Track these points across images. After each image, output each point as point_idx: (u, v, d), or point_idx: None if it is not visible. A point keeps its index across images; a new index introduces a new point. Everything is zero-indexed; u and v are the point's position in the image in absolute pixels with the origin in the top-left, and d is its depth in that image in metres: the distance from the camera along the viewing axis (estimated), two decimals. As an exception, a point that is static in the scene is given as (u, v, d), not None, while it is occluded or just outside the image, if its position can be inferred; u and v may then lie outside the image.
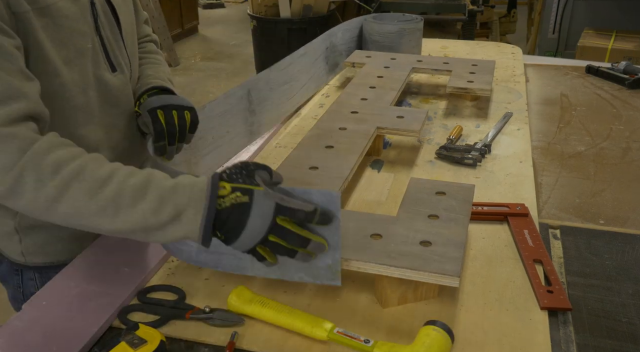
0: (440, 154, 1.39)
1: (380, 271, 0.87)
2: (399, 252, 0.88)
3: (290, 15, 4.37)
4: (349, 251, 0.89)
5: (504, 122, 1.58)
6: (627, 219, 1.18)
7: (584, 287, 0.98)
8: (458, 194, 1.05)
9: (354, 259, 0.87)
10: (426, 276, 0.85)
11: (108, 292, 0.94)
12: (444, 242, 0.91)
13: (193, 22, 6.60)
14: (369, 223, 0.96)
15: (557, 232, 1.14)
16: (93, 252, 1.05)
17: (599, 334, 0.88)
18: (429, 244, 0.90)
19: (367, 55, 1.90)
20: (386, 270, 0.86)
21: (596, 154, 1.45)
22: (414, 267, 0.85)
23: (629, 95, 1.83)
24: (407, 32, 2.02)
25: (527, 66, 2.09)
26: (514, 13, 5.14)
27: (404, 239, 0.92)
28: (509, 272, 1.00)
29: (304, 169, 1.17)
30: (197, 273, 1.00)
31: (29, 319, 0.89)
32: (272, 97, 1.56)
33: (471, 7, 4.08)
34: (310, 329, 0.84)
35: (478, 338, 0.85)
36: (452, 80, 1.68)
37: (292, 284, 0.97)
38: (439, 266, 0.85)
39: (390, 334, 0.87)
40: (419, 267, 0.85)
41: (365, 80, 1.67)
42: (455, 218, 0.97)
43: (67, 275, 0.99)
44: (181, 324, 0.89)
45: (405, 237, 0.92)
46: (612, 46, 3.67)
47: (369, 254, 0.88)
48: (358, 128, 1.35)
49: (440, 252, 0.88)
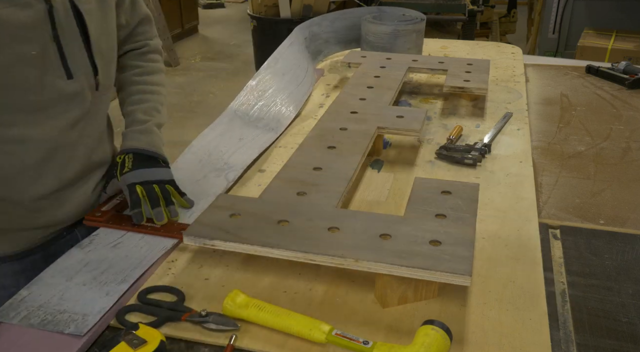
0: (440, 154, 1.39)
1: (392, 271, 0.87)
2: (409, 252, 0.88)
3: (290, 15, 4.37)
4: (359, 251, 0.89)
5: (504, 122, 1.57)
6: (627, 219, 1.18)
7: (584, 287, 0.98)
8: (463, 193, 1.05)
9: (365, 259, 0.87)
10: (438, 275, 0.85)
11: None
12: (453, 242, 0.91)
13: (193, 22, 6.60)
14: (377, 223, 0.96)
15: (557, 232, 1.14)
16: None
17: (599, 334, 0.88)
18: (438, 244, 0.90)
19: (363, 55, 1.90)
20: (397, 270, 0.86)
21: (596, 154, 1.45)
22: (426, 267, 0.85)
23: (629, 95, 1.82)
24: (402, 34, 1.99)
25: (527, 66, 2.09)
26: (514, 13, 5.14)
27: (413, 238, 0.92)
28: (509, 272, 0.99)
29: (308, 169, 1.17)
30: (197, 273, 1.00)
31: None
32: (269, 105, 1.62)
33: (471, 7, 4.09)
34: (308, 332, 0.84)
35: (478, 338, 0.85)
36: (448, 79, 1.68)
37: (291, 284, 0.97)
38: (451, 265, 0.85)
39: (390, 334, 0.87)
40: (431, 266, 0.85)
41: (362, 80, 1.67)
42: (462, 217, 0.97)
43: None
44: (180, 325, 0.89)
45: (414, 236, 0.92)
46: (612, 46, 3.67)
47: (380, 254, 0.88)
48: (359, 128, 1.35)
49: (450, 251, 0.88)
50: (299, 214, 0.99)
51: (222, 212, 1.00)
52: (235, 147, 1.42)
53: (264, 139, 1.48)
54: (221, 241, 0.93)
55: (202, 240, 0.94)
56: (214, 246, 0.94)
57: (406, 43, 2.01)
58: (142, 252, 1.03)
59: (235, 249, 0.93)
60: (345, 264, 0.88)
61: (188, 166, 1.34)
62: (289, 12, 4.37)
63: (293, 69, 1.77)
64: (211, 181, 1.27)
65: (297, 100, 1.67)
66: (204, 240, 0.94)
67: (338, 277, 0.98)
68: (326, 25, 2.13)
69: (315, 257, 0.89)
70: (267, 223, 0.97)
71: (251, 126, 1.52)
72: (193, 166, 1.34)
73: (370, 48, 2.05)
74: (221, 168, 1.32)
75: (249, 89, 1.65)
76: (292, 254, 0.90)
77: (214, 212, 1.00)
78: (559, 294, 0.97)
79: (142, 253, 1.03)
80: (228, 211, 1.00)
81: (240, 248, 0.93)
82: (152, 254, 1.03)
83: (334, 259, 0.88)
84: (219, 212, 1.00)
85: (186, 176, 1.28)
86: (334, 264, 0.89)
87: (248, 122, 1.54)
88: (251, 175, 1.34)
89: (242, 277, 0.99)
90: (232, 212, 1.00)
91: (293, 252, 0.90)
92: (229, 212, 1.00)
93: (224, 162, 1.34)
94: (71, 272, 0.98)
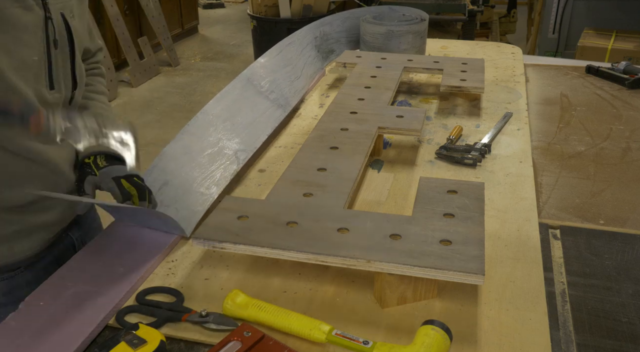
0: (440, 154, 1.39)
1: (404, 272, 0.87)
2: (420, 252, 0.88)
3: (290, 15, 4.37)
4: (371, 252, 0.89)
5: (504, 122, 1.57)
6: (627, 219, 1.18)
7: (584, 287, 0.98)
8: (469, 192, 1.05)
9: (377, 260, 0.87)
10: (451, 275, 0.85)
11: (104, 293, 0.94)
12: (463, 241, 0.91)
13: (193, 22, 6.59)
14: (386, 223, 0.96)
15: (557, 232, 1.14)
16: (89, 252, 1.05)
17: (599, 334, 0.88)
18: (449, 243, 0.90)
19: (358, 56, 1.90)
20: (410, 270, 0.86)
21: (596, 154, 1.45)
22: (439, 266, 0.85)
23: (629, 95, 1.82)
24: (396, 34, 1.98)
25: (527, 66, 2.09)
26: (514, 13, 5.15)
27: (423, 238, 0.92)
28: (508, 272, 1.00)
29: (312, 170, 1.17)
30: (197, 273, 1.00)
31: (25, 319, 0.89)
32: (279, 80, 1.65)
33: (471, 7, 4.09)
34: (308, 332, 0.84)
35: (478, 338, 0.85)
36: (445, 79, 1.68)
37: (292, 284, 0.97)
38: (463, 264, 0.85)
39: (390, 334, 0.87)
40: (443, 266, 0.85)
41: (359, 80, 1.67)
42: (471, 216, 0.97)
43: (63, 275, 0.99)
44: (180, 325, 0.89)
45: (424, 236, 0.92)
46: (612, 46, 3.67)
47: (392, 255, 0.88)
48: (360, 128, 1.35)
49: (461, 250, 0.88)
50: (307, 215, 0.99)
51: (230, 215, 0.99)
52: (250, 118, 1.45)
53: (274, 115, 1.50)
54: (231, 244, 0.92)
55: (211, 243, 0.93)
56: (224, 248, 0.93)
57: (401, 44, 2.00)
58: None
59: (245, 251, 0.92)
60: (357, 266, 0.88)
61: (201, 132, 1.34)
62: (289, 12, 4.37)
63: (287, 67, 1.78)
64: (220, 162, 1.29)
65: (290, 97, 1.69)
66: (213, 243, 0.93)
67: (338, 277, 0.98)
68: (337, 25, 2.14)
69: (327, 259, 0.89)
70: (275, 225, 0.96)
71: (263, 96, 1.54)
72: (206, 133, 1.35)
73: (367, 48, 2.05)
74: (231, 146, 1.34)
75: (259, 65, 1.67)
76: (304, 256, 0.90)
77: (221, 214, 1.00)
78: (559, 294, 0.97)
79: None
80: (235, 213, 1.00)
81: (250, 250, 0.92)
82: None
83: (346, 261, 0.88)
84: (226, 215, 0.99)
85: (197, 146, 1.30)
86: (345, 266, 0.89)
87: (260, 91, 1.56)
88: (251, 175, 1.34)
89: (242, 278, 0.99)
90: (239, 215, 0.99)
91: (304, 254, 0.90)
92: (237, 214, 0.99)
93: (236, 136, 1.37)
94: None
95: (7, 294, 1.11)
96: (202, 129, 1.35)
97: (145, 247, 1.05)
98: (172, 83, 5.16)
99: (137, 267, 1.00)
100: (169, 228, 1.09)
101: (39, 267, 1.14)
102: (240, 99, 1.50)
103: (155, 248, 1.05)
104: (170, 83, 5.18)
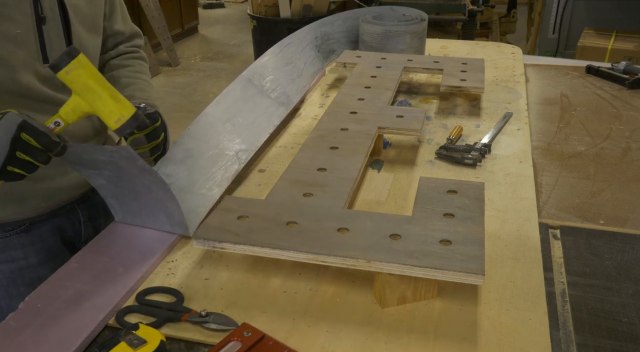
0: (440, 154, 1.39)
1: (404, 272, 0.87)
2: (420, 252, 0.88)
3: (290, 15, 4.37)
4: (371, 252, 0.89)
5: (504, 122, 1.57)
6: (627, 219, 1.18)
7: (584, 287, 0.98)
8: (469, 192, 1.05)
9: (377, 260, 0.87)
10: (451, 275, 0.85)
11: (104, 293, 0.94)
12: (463, 241, 0.91)
13: (193, 22, 6.60)
14: (386, 223, 0.96)
15: (557, 232, 1.14)
16: (89, 252, 1.05)
17: (599, 334, 0.88)
18: (448, 243, 0.90)
19: (357, 56, 1.90)
20: (410, 270, 0.86)
21: (596, 154, 1.45)
22: (439, 266, 0.85)
23: (629, 95, 1.82)
24: (394, 35, 1.98)
25: (527, 66, 2.09)
26: (514, 13, 5.15)
27: (423, 238, 0.92)
28: (508, 272, 0.99)
29: (312, 170, 1.17)
30: (197, 273, 1.00)
31: (25, 319, 0.89)
32: (280, 78, 1.66)
33: (471, 7, 4.09)
34: None
35: (478, 338, 0.85)
36: (445, 79, 1.68)
37: (292, 284, 0.97)
38: (463, 264, 0.85)
39: (390, 334, 0.87)
40: (443, 266, 0.85)
41: (359, 80, 1.67)
42: (471, 216, 0.97)
43: (62, 275, 0.99)
44: (180, 325, 0.89)
45: (424, 236, 0.92)
46: (612, 46, 3.67)
47: (392, 255, 0.88)
48: (360, 128, 1.35)
49: (461, 250, 0.88)
50: (307, 215, 0.99)
51: (230, 215, 0.99)
52: (251, 118, 1.45)
53: (276, 114, 1.50)
54: (231, 244, 0.92)
55: (211, 243, 0.93)
56: (224, 248, 0.93)
57: (399, 44, 2.00)
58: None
59: (246, 251, 0.92)
60: (357, 266, 0.88)
61: (201, 135, 1.35)
62: (289, 12, 4.37)
63: (288, 66, 1.78)
64: (221, 163, 1.29)
65: (292, 95, 1.69)
66: (214, 243, 0.93)
67: (338, 277, 0.98)
68: (338, 25, 2.14)
69: (327, 259, 0.89)
70: (275, 225, 0.96)
71: (264, 95, 1.54)
72: (207, 135, 1.35)
73: (365, 48, 2.05)
74: (232, 147, 1.34)
75: (260, 64, 1.67)
76: (304, 256, 0.90)
77: (221, 214, 1.00)
78: (559, 294, 0.97)
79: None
80: (235, 213, 0.99)
81: (250, 251, 0.92)
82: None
83: (346, 261, 0.88)
84: (226, 215, 0.99)
85: (198, 149, 1.30)
86: (345, 266, 0.89)
87: (261, 90, 1.56)
88: (251, 175, 1.34)
89: (242, 278, 0.99)
90: (239, 215, 0.99)
91: (304, 254, 0.90)
92: (237, 214, 0.99)
93: (237, 136, 1.37)
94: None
95: (1, 253, 1.14)
96: (202, 132, 1.35)
97: (145, 247, 1.05)
98: (172, 83, 5.16)
99: (137, 267, 1.00)
100: (172, 224, 1.08)
101: (35, 233, 1.15)
102: (240, 99, 1.50)
103: (155, 248, 1.05)
104: (170, 83, 5.18)
